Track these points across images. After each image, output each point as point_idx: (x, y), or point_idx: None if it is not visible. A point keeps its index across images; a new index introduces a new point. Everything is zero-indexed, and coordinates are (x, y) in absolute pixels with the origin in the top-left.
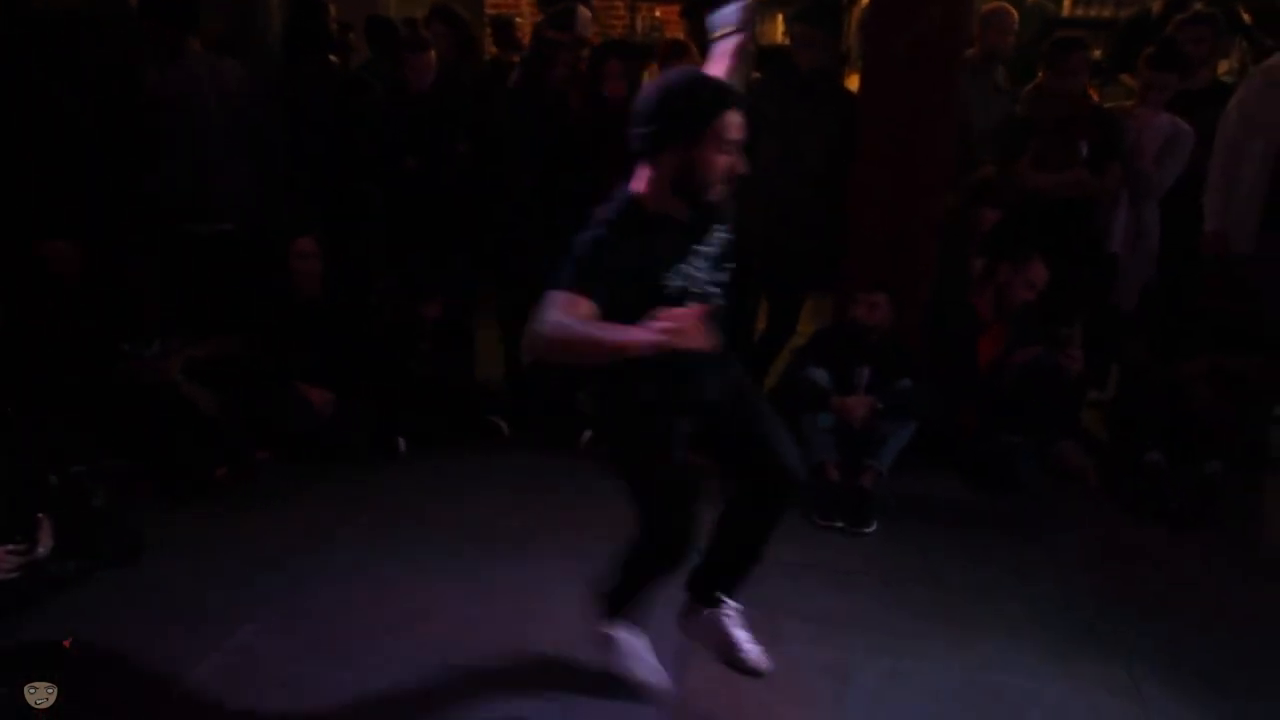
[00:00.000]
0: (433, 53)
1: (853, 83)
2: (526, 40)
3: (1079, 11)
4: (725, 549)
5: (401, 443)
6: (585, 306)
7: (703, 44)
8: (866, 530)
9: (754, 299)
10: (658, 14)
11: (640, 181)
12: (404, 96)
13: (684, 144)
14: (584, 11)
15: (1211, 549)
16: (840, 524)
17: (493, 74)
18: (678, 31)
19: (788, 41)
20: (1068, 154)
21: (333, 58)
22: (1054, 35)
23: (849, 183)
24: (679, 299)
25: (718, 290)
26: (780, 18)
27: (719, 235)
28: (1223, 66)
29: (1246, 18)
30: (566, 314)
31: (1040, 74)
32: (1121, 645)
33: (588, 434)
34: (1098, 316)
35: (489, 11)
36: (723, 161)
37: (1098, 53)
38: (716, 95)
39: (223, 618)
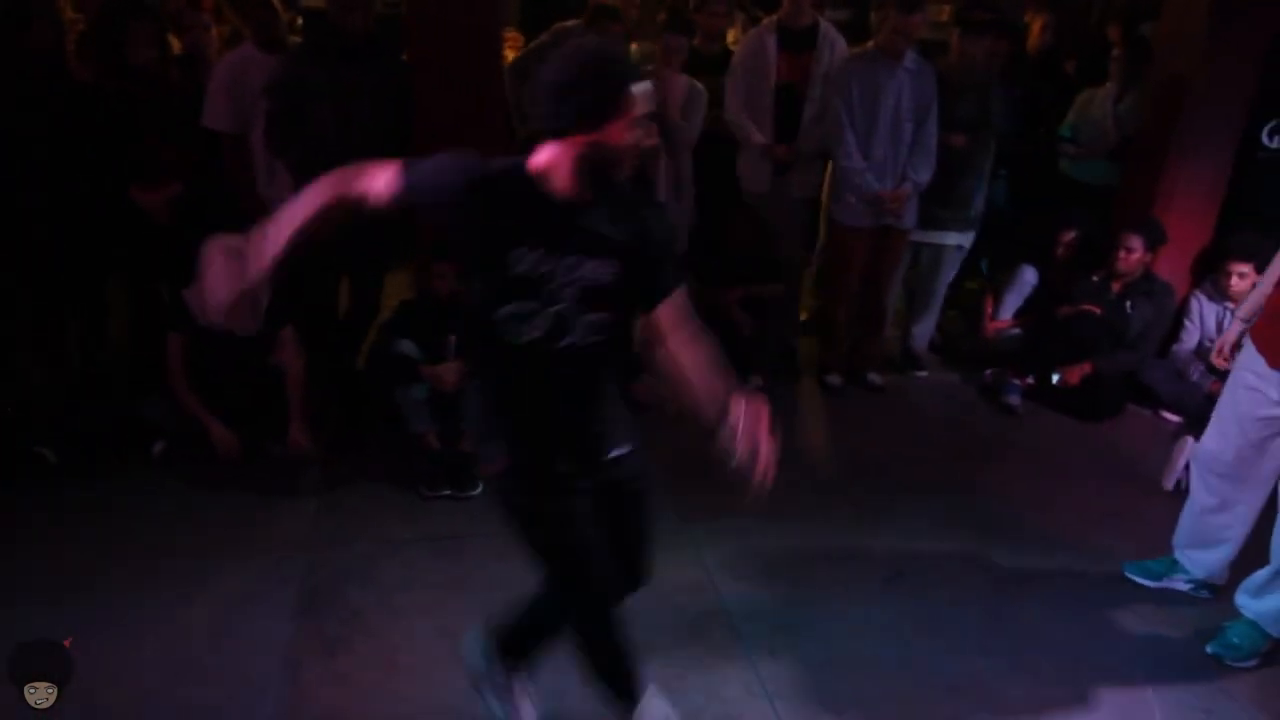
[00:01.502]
0: None
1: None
2: None
3: None
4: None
5: None
6: (389, 178)
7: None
8: (473, 493)
9: (332, 276)
10: None
11: (540, 157)
12: None
13: (592, 119)
14: None
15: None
16: (447, 491)
17: None
18: None
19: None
20: None
21: None
22: (592, 7)
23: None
24: (525, 290)
25: (574, 324)
26: None
27: (604, 264)
28: (731, 36)
29: None
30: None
31: None
32: (699, 550)
33: (159, 445)
34: None
35: None
36: (632, 136)
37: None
38: (625, 66)
39: None
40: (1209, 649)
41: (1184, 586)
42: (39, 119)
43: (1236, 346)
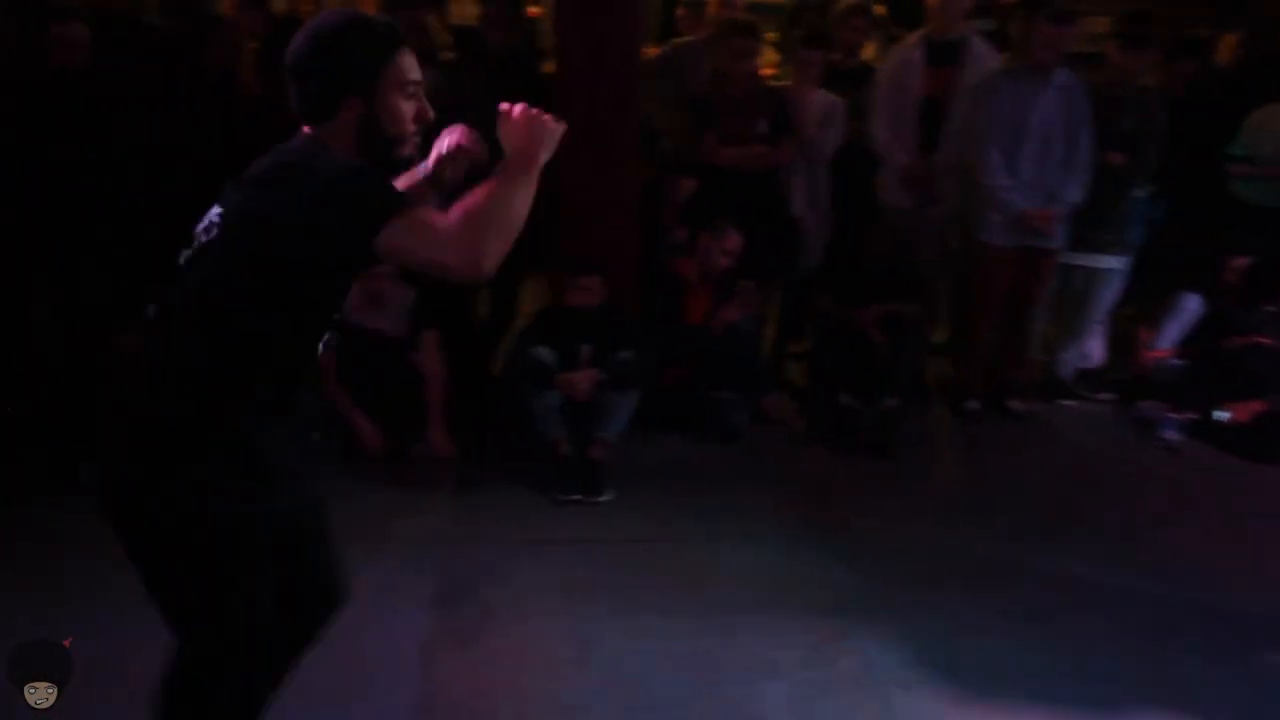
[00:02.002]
0: (80, 25)
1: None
2: None
3: None
4: None
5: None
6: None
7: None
8: (601, 499)
9: (472, 284)
10: None
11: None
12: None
13: (362, 93)
14: None
15: (896, 472)
16: (576, 497)
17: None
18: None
19: (479, 20)
20: (748, 130)
21: None
22: (728, 20)
23: (553, 163)
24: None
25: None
26: None
27: None
28: (868, 51)
29: (880, 10)
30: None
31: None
32: (830, 569)
33: (314, 437)
34: (789, 275)
35: None
36: (409, 107)
37: (772, 35)
38: (387, 31)
39: None
40: None
41: None
42: (211, 131)
43: None
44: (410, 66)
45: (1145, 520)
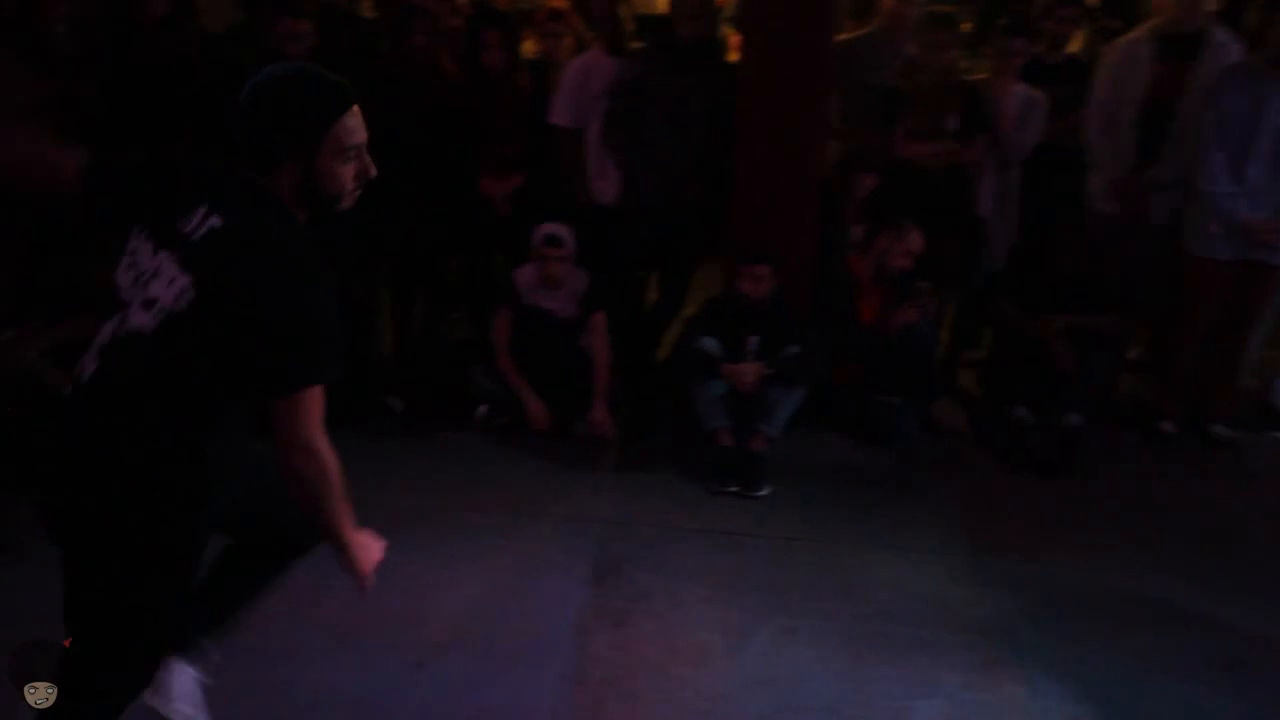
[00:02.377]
0: (308, 22)
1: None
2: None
3: None
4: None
5: None
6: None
7: (584, 12)
8: (759, 493)
9: (643, 270)
10: None
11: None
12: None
13: (300, 158)
14: None
15: (1073, 497)
16: (734, 489)
17: (363, 42)
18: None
19: (669, 10)
20: (938, 125)
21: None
22: (926, 10)
23: (734, 152)
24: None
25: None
26: None
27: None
28: (1074, 44)
29: (1093, 1)
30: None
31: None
32: (995, 588)
33: (482, 409)
34: (969, 280)
35: None
36: (348, 170)
37: (967, 26)
38: (333, 95)
39: None
40: None
41: None
42: (414, 116)
43: None
44: (353, 129)
45: None
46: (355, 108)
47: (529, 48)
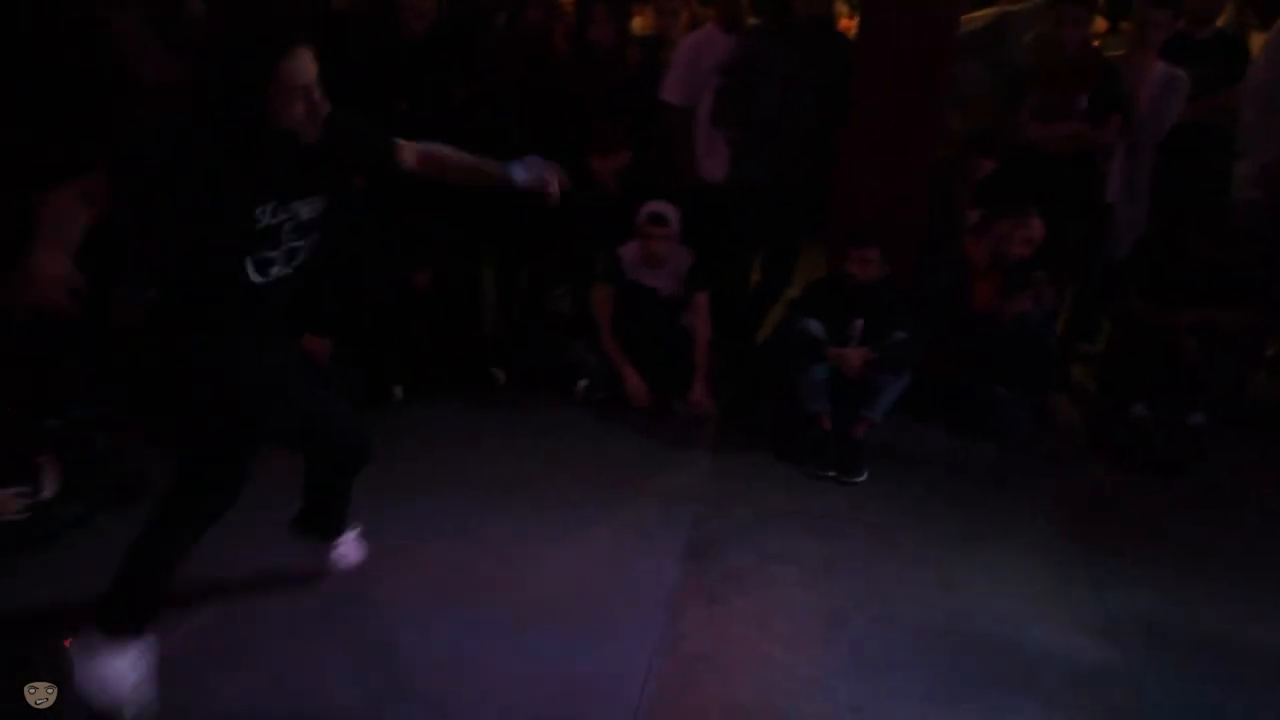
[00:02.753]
0: None
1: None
2: None
3: None
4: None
5: (398, 391)
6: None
7: None
8: (858, 479)
9: (749, 250)
10: None
11: None
12: (396, 40)
13: (252, 99)
14: None
15: (1192, 499)
16: (832, 473)
17: (481, 16)
18: None
19: None
20: (1067, 105)
21: None
22: None
23: (844, 133)
24: (262, 241)
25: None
26: None
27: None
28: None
29: None
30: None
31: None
32: (1102, 590)
33: (582, 384)
34: (1090, 269)
35: None
36: (299, 109)
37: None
38: (275, 42)
39: (219, 560)
40: None
41: None
42: (525, 93)
43: None
44: (298, 71)
45: None
46: (302, 51)
47: (641, 23)
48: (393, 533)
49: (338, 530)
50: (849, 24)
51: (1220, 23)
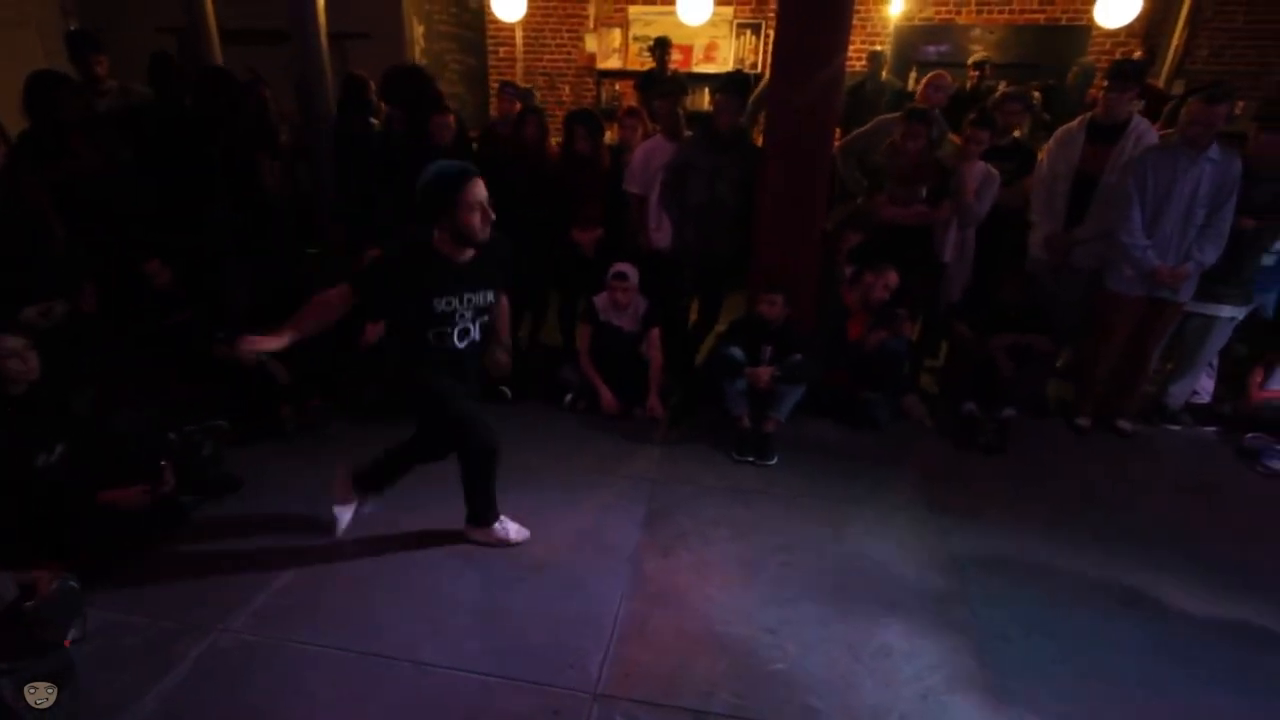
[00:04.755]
0: (452, 116)
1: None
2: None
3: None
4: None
5: (506, 391)
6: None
7: (651, 111)
8: (769, 462)
9: (688, 298)
10: (617, 87)
11: (436, 235)
12: (428, 148)
13: (448, 213)
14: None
15: (1009, 471)
16: (751, 459)
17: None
18: (631, 101)
19: (711, 108)
20: (912, 194)
21: (373, 120)
22: (907, 108)
23: (755, 212)
24: (444, 320)
25: (474, 323)
26: (706, 91)
27: (485, 293)
28: (1017, 132)
29: (1036, 96)
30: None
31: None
32: (946, 536)
33: (569, 397)
34: (932, 308)
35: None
36: (477, 218)
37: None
38: (459, 175)
39: (306, 535)
40: None
41: None
42: (525, 190)
43: None
44: (475, 192)
45: (1228, 532)
46: (476, 179)
47: (611, 135)
48: (436, 511)
49: (492, 515)
50: (759, 136)
51: (1018, 134)
